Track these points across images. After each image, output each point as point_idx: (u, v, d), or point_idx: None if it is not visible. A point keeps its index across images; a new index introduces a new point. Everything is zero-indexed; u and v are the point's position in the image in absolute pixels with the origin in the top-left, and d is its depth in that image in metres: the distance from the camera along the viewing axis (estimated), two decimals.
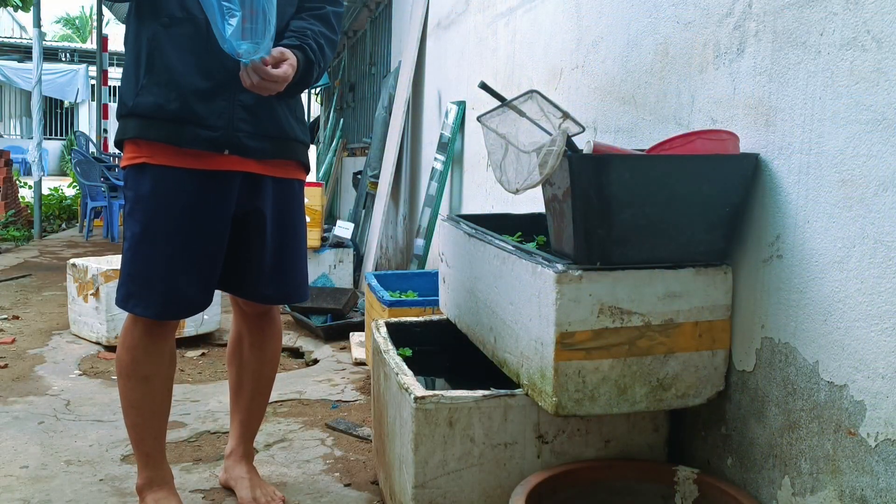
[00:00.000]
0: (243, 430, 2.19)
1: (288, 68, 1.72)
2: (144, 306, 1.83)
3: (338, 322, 4.10)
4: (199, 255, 1.83)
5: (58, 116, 22.49)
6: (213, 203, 1.83)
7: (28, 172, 12.22)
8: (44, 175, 8.53)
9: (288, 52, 1.74)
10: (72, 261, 3.99)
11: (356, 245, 5.41)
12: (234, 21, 1.56)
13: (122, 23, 2.75)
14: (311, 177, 5.50)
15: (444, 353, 2.32)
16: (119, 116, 1.86)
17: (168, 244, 1.80)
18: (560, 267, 1.57)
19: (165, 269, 1.81)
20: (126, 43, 1.87)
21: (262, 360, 2.15)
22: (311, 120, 12.01)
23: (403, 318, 2.42)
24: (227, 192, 1.84)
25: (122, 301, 1.85)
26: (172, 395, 2.02)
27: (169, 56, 1.75)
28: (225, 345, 3.82)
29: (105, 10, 11.11)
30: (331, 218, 7.85)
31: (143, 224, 1.81)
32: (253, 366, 2.15)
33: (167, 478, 2.00)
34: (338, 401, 3.01)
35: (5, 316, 4.40)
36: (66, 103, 20.35)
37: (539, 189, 1.69)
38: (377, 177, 5.34)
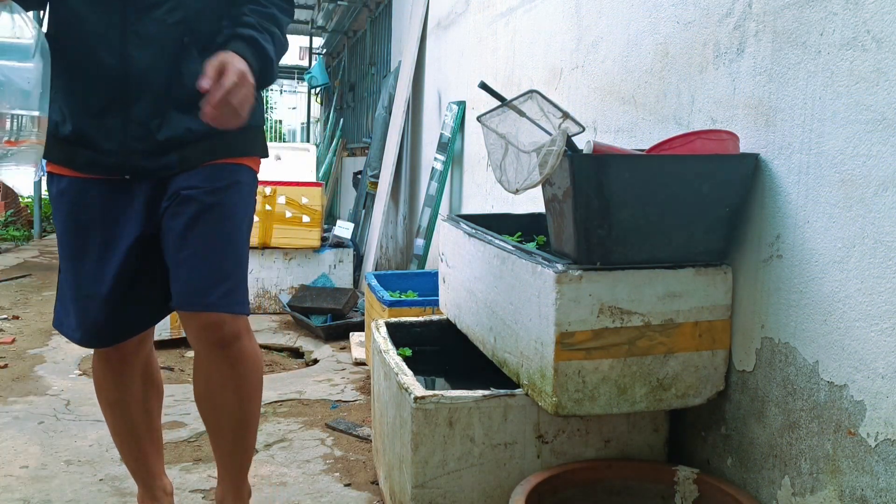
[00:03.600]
0: (234, 473, 1.75)
1: (237, 70, 1.40)
2: (69, 330, 1.65)
3: (338, 322, 4.11)
4: (109, 274, 1.58)
5: None
6: (119, 216, 1.59)
7: None
8: (43, 175, 8.52)
9: (221, 57, 1.41)
10: None
11: (356, 245, 5.41)
12: None
13: None
14: (311, 177, 5.49)
15: (444, 353, 2.32)
16: None
17: (74, 262, 1.60)
18: (560, 267, 1.57)
19: (74, 292, 1.61)
20: None
21: (237, 400, 1.66)
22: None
23: (403, 318, 2.41)
24: (133, 204, 1.59)
25: (54, 322, 1.68)
26: (162, 413, 1.87)
27: (61, 69, 1.49)
28: None
29: None
30: (331, 218, 7.84)
31: (58, 241, 1.64)
32: (229, 408, 1.67)
33: (157, 495, 1.88)
34: (338, 401, 3.01)
35: (5, 316, 4.40)
36: None
37: (539, 189, 1.69)
38: (377, 177, 5.34)
